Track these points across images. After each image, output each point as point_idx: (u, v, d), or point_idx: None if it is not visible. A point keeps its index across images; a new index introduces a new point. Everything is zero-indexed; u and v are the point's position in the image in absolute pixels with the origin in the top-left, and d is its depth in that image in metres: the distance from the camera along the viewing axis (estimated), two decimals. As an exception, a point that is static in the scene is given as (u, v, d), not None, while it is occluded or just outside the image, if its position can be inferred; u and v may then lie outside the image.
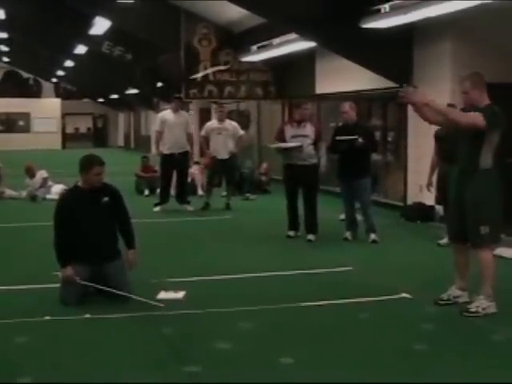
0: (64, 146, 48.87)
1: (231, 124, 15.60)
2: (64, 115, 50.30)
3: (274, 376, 5.47)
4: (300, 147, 11.13)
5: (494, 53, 12.04)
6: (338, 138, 11.21)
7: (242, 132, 15.77)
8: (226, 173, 15.43)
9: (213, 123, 15.59)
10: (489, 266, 7.05)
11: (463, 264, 7.36)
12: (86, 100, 50.37)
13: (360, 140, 10.89)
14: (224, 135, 15.18)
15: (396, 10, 11.76)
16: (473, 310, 6.97)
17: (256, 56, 18.73)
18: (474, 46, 12.27)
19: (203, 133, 15.38)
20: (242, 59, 19.62)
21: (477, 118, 6.93)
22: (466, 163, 7.15)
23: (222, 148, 15.14)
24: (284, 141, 11.33)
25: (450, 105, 8.13)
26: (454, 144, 7.61)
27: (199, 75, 20.14)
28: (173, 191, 15.39)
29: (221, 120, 15.40)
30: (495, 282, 7.08)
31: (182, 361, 5.83)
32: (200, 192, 17.22)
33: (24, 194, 17.42)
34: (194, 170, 17.76)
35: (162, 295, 7.70)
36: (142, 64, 27.38)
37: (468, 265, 7.35)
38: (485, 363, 5.76)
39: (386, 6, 12.01)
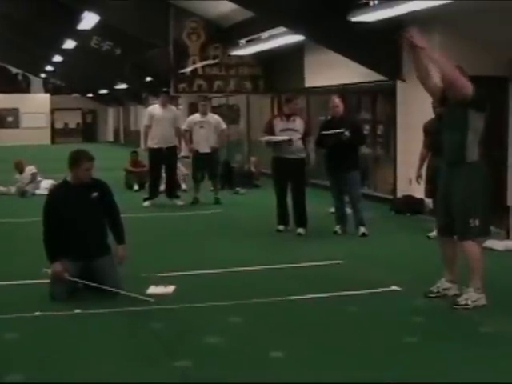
0: (53, 142, 48.74)
1: (214, 117, 15.58)
2: (53, 110, 50.12)
3: (264, 369, 5.47)
4: (289, 141, 11.14)
5: (482, 46, 12.06)
6: (324, 132, 11.22)
7: (224, 126, 15.74)
8: (207, 167, 15.37)
9: (195, 117, 15.54)
10: (477, 259, 7.06)
11: (451, 257, 7.37)
12: (75, 95, 50.23)
13: (346, 133, 10.90)
14: (206, 129, 15.15)
15: (384, 3, 11.77)
16: (462, 302, 6.98)
17: (245, 50, 18.73)
18: (461, 39, 12.29)
19: (185, 126, 15.30)
20: (230, 53, 19.63)
21: (466, 83, 6.91)
22: (451, 156, 7.15)
23: (204, 141, 15.11)
24: (272, 134, 11.34)
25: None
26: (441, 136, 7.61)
27: (188, 69, 20.12)
28: (163, 186, 15.39)
29: (203, 113, 15.37)
30: (484, 274, 7.11)
31: (172, 355, 5.82)
32: (183, 186, 17.16)
33: (13, 189, 17.37)
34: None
35: (152, 290, 7.69)
36: (130, 59, 27.30)
37: (456, 258, 7.36)
38: (474, 355, 5.77)
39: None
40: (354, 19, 12.56)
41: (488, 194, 7.16)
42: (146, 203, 14.91)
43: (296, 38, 15.29)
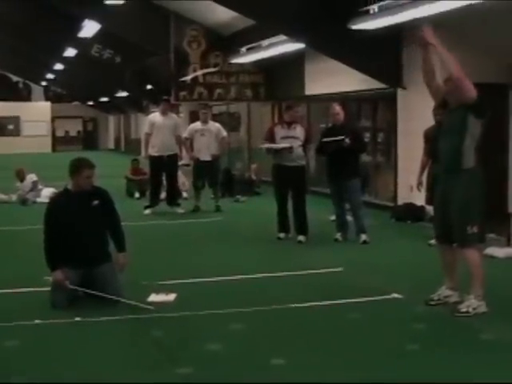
0: (54, 150, 48.78)
1: (214, 125, 15.60)
2: (54, 118, 50.20)
3: (266, 377, 5.47)
4: (290, 148, 11.15)
5: (483, 53, 12.07)
6: (324, 139, 11.23)
7: (225, 134, 15.76)
8: (208, 175, 15.39)
9: (196, 125, 15.57)
10: (477, 266, 7.07)
11: (451, 264, 7.37)
12: (75, 103, 50.31)
13: (347, 141, 10.91)
14: (207, 137, 15.18)
15: (384, 10, 11.78)
16: (463, 309, 6.97)
17: (245, 58, 18.75)
18: (462, 47, 12.27)
19: (186, 134, 15.33)
20: (231, 61, 19.65)
21: (471, 86, 6.93)
22: (448, 162, 7.16)
23: (205, 149, 15.12)
24: (273, 141, 11.35)
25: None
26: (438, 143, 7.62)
27: (189, 77, 20.16)
28: (163, 194, 15.39)
29: (204, 121, 15.40)
30: (485, 281, 7.10)
31: (173, 363, 5.82)
32: (184, 194, 17.16)
33: (14, 197, 17.38)
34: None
35: (153, 298, 7.69)
36: (131, 67, 27.35)
37: (456, 265, 7.36)
38: (475, 362, 5.76)
39: (375, 7, 12.04)
40: (354, 27, 12.57)
41: (484, 200, 7.16)
42: (147, 211, 14.91)
43: (296, 45, 15.32)
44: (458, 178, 7.05)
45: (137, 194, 17.92)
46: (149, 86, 28.86)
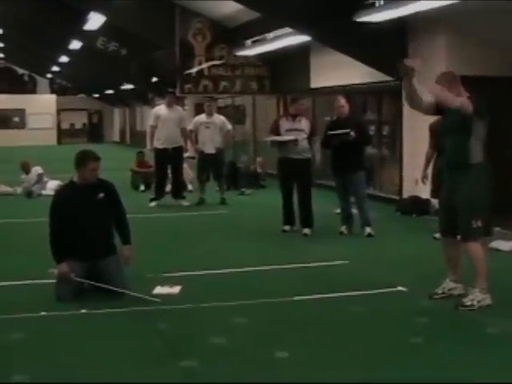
0: (59, 142, 48.82)
1: (219, 118, 15.62)
2: (59, 111, 50.24)
3: (270, 370, 5.47)
4: (295, 141, 11.15)
5: (488, 46, 12.05)
6: (330, 132, 11.23)
7: (229, 127, 15.79)
8: (212, 168, 15.42)
9: (201, 117, 15.60)
10: (480, 259, 7.06)
11: (454, 257, 7.37)
12: (81, 96, 50.32)
13: (352, 134, 10.90)
14: (212, 129, 15.19)
15: (390, 3, 11.76)
16: (468, 303, 6.97)
17: (250, 50, 18.73)
18: (467, 40, 12.28)
19: (191, 127, 15.37)
20: (236, 54, 19.63)
21: (464, 101, 6.92)
22: (455, 159, 7.14)
23: (209, 142, 15.15)
24: (278, 134, 11.34)
25: None
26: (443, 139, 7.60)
27: (194, 70, 20.15)
28: (169, 186, 15.40)
29: (209, 114, 15.41)
30: (490, 274, 7.10)
31: (177, 356, 5.82)
32: (190, 187, 17.18)
33: (19, 190, 17.41)
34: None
35: (158, 290, 7.70)
36: (136, 59, 27.33)
37: (459, 258, 7.35)
38: (480, 356, 5.76)
39: (381, 0, 12.01)
40: (359, 20, 12.55)
41: (491, 195, 7.16)
42: (152, 204, 14.93)
43: (301, 38, 15.28)
44: (467, 174, 7.03)
45: (142, 187, 17.93)
46: (154, 79, 28.85)
